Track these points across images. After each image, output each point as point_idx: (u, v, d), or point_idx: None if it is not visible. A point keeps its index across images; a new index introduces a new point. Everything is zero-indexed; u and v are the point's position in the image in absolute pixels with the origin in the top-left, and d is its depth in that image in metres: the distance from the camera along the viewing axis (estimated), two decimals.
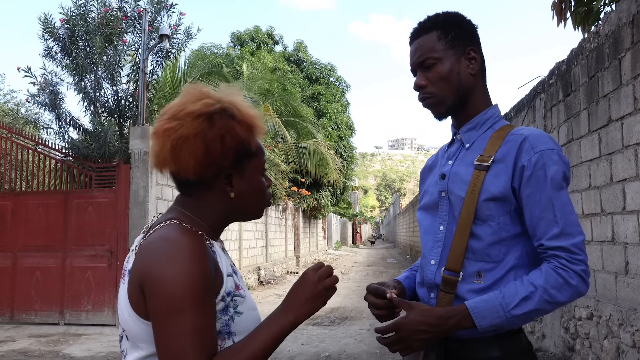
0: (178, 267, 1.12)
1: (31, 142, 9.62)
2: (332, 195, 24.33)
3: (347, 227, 48.82)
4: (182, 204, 1.30)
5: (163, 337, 1.11)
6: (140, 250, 1.21)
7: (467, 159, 1.59)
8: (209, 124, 1.22)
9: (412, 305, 1.45)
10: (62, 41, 10.08)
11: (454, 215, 1.55)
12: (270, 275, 16.28)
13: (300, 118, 19.43)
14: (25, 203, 9.19)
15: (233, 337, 1.22)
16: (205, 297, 1.14)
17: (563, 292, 1.40)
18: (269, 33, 26.68)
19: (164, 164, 1.25)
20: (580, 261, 1.41)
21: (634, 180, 3.98)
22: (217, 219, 1.32)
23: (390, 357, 6.41)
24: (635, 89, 3.94)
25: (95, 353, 6.86)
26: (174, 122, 1.23)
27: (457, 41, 1.58)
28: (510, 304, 1.40)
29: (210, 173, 1.25)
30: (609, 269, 4.45)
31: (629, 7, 4.01)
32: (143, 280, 1.15)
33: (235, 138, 1.26)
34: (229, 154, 1.25)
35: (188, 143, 1.21)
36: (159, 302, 1.11)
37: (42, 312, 8.95)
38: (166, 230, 1.21)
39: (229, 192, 1.29)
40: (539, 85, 6.36)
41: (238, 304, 1.24)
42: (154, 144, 1.26)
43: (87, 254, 8.91)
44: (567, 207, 1.45)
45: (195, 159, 1.21)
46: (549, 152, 1.47)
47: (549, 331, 5.89)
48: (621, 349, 4.13)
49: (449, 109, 1.62)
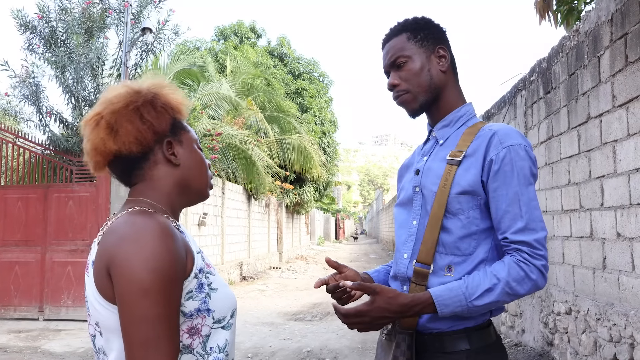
0: (146, 249, 1.09)
1: (11, 135, 9.49)
2: (315, 190, 24.33)
3: (330, 223, 48.86)
4: (136, 195, 1.29)
5: (130, 321, 1.07)
6: (102, 238, 1.17)
7: (440, 154, 1.64)
8: (136, 94, 1.26)
9: (377, 290, 1.45)
10: (41, 34, 9.96)
11: (427, 210, 1.59)
12: (252, 270, 16.25)
13: (284, 113, 19.38)
14: (4, 197, 9.07)
15: (212, 314, 1.21)
16: (172, 281, 1.11)
17: (523, 285, 1.44)
18: (252, 27, 26.53)
19: (103, 149, 1.24)
20: (541, 256, 1.46)
21: (612, 177, 4.03)
22: (173, 200, 1.31)
23: (371, 352, 6.44)
24: (614, 86, 3.99)
25: (75, 348, 6.80)
26: (102, 106, 1.25)
27: (426, 41, 1.66)
28: (473, 294, 1.44)
29: (151, 138, 1.26)
30: (587, 264, 4.51)
31: (608, 6, 4.06)
32: (109, 263, 1.11)
33: (165, 102, 1.29)
34: (163, 116, 1.28)
35: (121, 114, 1.23)
36: (126, 284, 1.08)
37: (21, 308, 8.86)
38: (128, 215, 1.19)
39: (174, 160, 1.30)
40: (520, 82, 6.41)
41: (211, 280, 1.23)
42: (87, 136, 1.25)
43: (67, 249, 8.82)
44: (533, 203, 1.49)
45: (132, 125, 1.23)
46: (517, 147, 1.51)
47: (528, 326, 5.95)
48: (598, 343, 4.19)
49: (422, 106, 1.67)
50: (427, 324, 1.54)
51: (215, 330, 1.22)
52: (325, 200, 32.05)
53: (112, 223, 1.19)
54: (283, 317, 9.08)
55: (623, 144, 3.87)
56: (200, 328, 1.19)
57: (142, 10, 10.62)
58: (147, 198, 1.27)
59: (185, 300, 1.16)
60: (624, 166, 3.85)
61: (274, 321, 8.71)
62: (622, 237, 3.90)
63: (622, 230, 3.90)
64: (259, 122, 16.75)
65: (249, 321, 8.57)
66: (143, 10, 10.63)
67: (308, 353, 6.52)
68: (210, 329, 1.21)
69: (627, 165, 3.82)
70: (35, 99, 9.96)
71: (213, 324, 1.21)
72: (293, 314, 9.40)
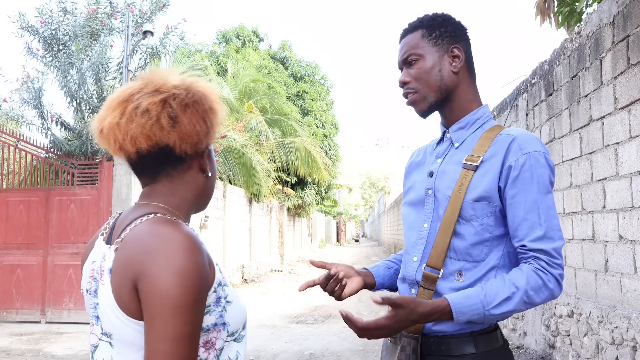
0: (178, 263, 1.04)
1: (12, 138, 9.50)
2: (317, 193, 24.35)
3: (331, 226, 48.87)
4: (154, 197, 1.22)
5: (158, 338, 1.03)
6: (124, 247, 1.11)
7: (455, 157, 1.60)
8: (204, 96, 1.21)
9: (403, 305, 1.40)
10: (43, 38, 9.97)
11: (439, 213, 1.56)
12: (254, 273, 16.24)
13: (285, 116, 19.40)
14: (6, 200, 9.07)
15: (227, 328, 1.17)
16: (201, 298, 1.07)
17: (540, 295, 1.42)
18: (254, 30, 26.58)
19: (155, 137, 1.14)
20: (559, 265, 1.44)
21: (614, 179, 4.03)
22: (189, 208, 1.26)
23: (373, 354, 6.43)
24: (616, 89, 3.99)
25: (77, 351, 6.80)
26: (163, 94, 1.16)
27: (440, 39, 1.61)
28: (491, 303, 1.41)
29: (204, 145, 1.22)
30: (589, 267, 4.50)
31: (610, 8, 4.06)
32: (137, 277, 1.06)
33: (216, 112, 1.24)
34: (215, 127, 1.23)
35: (188, 111, 1.17)
36: (158, 300, 1.03)
37: (23, 310, 8.85)
38: (152, 223, 1.12)
39: (207, 171, 1.26)
40: (522, 84, 6.41)
41: (227, 293, 1.18)
42: (136, 116, 1.14)
43: (69, 252, 8.83)
44: (551, 211, 1.46)
45: (197, 126, 1.18)
46: (537, 154, 1.48)
47: (530, 329, 5.94)
48: (600, 345, 4.18)
49: (431, 106, 1.63)
50: (432, 326, 1.52)
51: (228, 343, 1.19)
52: (327, 203, 32.07)
53: (133, 230, 1.13)
54: (284, 320, 9.07)
55: (625, 146, 3.87)
56: (215, 342, 1.16)
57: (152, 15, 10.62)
58: (166, 203, 1.21)
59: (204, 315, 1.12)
60: (626, 168, 3.85)
61: (276, 324, 8.70)
62: (624, 240, 3.90)
63: (624, 232, 3.90)
64: (260, 125, 16.76)
65: (250, 324, 8.56)
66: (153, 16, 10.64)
67: (310, 356, 6.51)
68: (224, 342, 1.18)
69: (629, 168, 3.82)
70: (36, 102, 9.97)
71: (227, 337, 1.18)
72: (294, 316, 9.39)
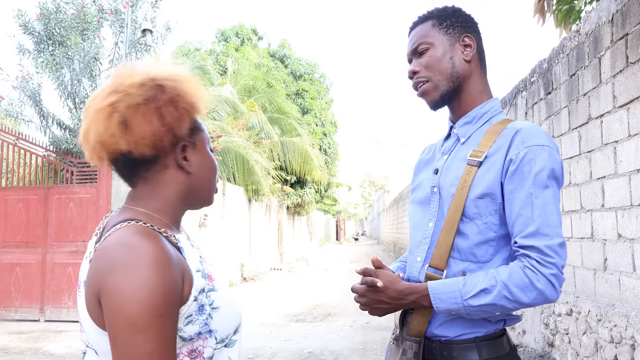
0: (138, 278, 0.98)
1: (11, 136, 9.50)
2: (316, 192, 24.37)
3: (330, 224, 48.90)
4: (136, 201, 1.17)
5: (121, 355, 0.99)
6: (95, 257, 1.06)
7: (460, 154, 1.55)
8: (159, 90, 1.10)
9: (377, 273, 1.50)
10: (37, 36, 9.97)
11: (444, 212, 1.52)
12: (253, 271, 16.25)
13: (285, 115, 19.40)
14: (5, 198, 9.08)
15: (215, 335, 1.12)
16: (167, 312, 1.01)
17: (527, 293, 1.35)
18: (253, 29, 26.57)
19: (110, 146, 1.09)
20: (552, 264, 1.34)
21: (613, 178, 4.03)
22: (176, 209, 1.19)
23: (372, 353, 6.43)
24: (615, 87, 3.99)
25: (75, 350, 6.80)
26: (117, 95, 1.08)
27: (451, 28, 1.57)
28: (469, 292, 1.37)
29: (168, 142, 1.13)
30: (588, 265, 4.50)
31: (609, 6, 4.06)
32: (99, 290, 1.01)
33: (187, 101, 1.14)
34: (184, 118, 1.14)
35: (139, 111, 1.07)
36: (115, 317, 0.98)
37: (22, 309, 8.86)
38: (124, 233, 1.06)
39: (187, 167, 1.17)
40: (521, 83, 6.41)
41: (213, 299, 1.12)
42: (93, 126, 1.09)
43: (68, 250, 8.83)
44: (549, 207, 1.38)
45: (151, 126, 1.08)
46: (539, 147, 1.41)
47: (529, 327, 5.95)
48: (599, 344, 4.18)
49: (443, 96, 1.58)
50: (435, 330, 1.48)
51: (219, 350, 1.14)
52: (326, 201, 32.07)
53: (106, 240, 1.08)
54: (284, 318, 9.07)
55: (624, 144, 3.86)
56: (202, 350, 1.11)
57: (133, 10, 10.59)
58: (147, 207, 1.15)
59: (184, 325, 1.07)
60: (625, 167, 3.85)
61: (275, 322, 8.70)
62: (623, 238, 3.90)
63: (623, 231, 3.90)
64: (262, 123, 16.74)
65: (249, 322, 8.57)
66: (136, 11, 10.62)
67: (309, 354, 6.51)
68: (214, 350, 1.13)
69: (627, 166, 3.81)
70: (34, 101, 9.96)
71: (216, 344, 1.13)
72: (294, 315, 9.39)
